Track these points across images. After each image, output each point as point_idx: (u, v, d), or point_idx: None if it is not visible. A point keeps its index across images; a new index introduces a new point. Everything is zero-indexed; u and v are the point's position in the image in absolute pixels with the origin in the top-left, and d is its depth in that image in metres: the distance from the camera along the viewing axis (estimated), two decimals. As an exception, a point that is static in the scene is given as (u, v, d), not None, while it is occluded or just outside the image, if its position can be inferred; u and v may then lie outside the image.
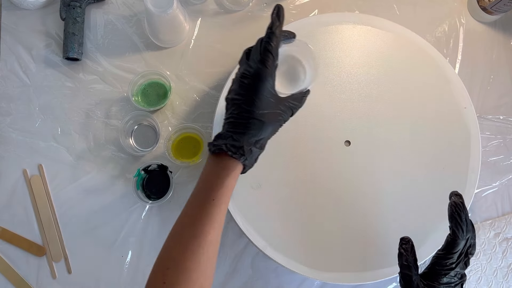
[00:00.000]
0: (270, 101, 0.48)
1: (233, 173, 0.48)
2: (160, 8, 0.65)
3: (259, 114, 0.47)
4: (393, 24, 0.71)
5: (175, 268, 0.44)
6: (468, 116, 0.69)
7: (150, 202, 0.69)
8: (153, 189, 0.71)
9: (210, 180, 0.48)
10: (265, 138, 0.51)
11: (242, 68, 0.49)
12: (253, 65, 0.47)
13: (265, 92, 0.47)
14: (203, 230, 0.45)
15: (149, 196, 0.71)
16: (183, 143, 0.73)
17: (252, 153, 0.49)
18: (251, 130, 0.48)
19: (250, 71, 0.48)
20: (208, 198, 0.46)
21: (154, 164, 0.70)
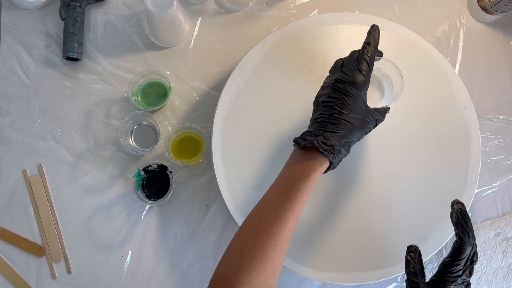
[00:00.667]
0: (361, 107, 0.51)
1: (319, 169, 0.50)
2: (160, 8, 0.65)
3: (351, 117, 0.50)
4: (393, 24, 0.71)
5: (253, 245, 0.45)
6: (468, 116, 0.69)
7: (150, 202, 0.69)
8: (153, 189, 0.71)
9: (297, 171, 0.49)
10: (353, 142, 0.53)
11: (336, 75, 0.52)
12: (349, 72, 0.51)
13: (359, 99, 0.51)
14: (285, 215, 0.46)
15: (149, 196, 0.71)
16: (183, 143, 0.73)
17: (340, 153, 0.51)
18: (341, 131, 0.50)
19: (346, 78, 0.51)
20: (293, 187, 0.48)
21: (154, 164, 0.70)
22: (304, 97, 0.69)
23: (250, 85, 0.68)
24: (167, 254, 0.71)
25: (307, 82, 0.69)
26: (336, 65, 0.54)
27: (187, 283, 0.71)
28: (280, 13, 0.78)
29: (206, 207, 0.72)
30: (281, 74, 0.69)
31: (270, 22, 0.78)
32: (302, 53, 0.70)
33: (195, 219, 0.72)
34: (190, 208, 0.72)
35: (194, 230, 0.72)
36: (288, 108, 0.68)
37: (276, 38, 0.69)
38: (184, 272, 0.71)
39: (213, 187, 0.72)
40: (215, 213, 0.72)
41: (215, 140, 0.66)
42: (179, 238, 0.71)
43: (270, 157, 0.67)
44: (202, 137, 0.72)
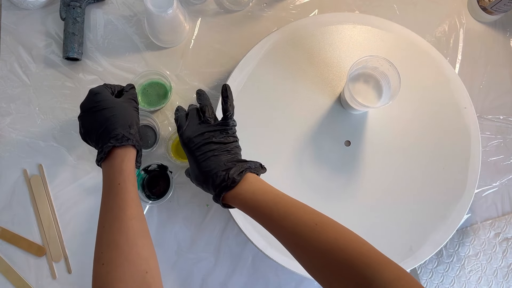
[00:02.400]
0: (109, 100, 0.58)
1: (126, 158, 0.54)
2: (160, 8, 0.65)
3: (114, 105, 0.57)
4: (393, 24, 0.71)
5: (107, 248, 0.48)
6: (468, 116, 0.69)
7: (150, 202, 0.69)
8: (153, 189, 0.71)
9: (110, 171, 0.53)
10: (133, 123, 0.58)
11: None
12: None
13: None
14: (120, 209, 0.50)
15: (149, 196, 0.71)
16: None
17: (135, 135, 0.56)
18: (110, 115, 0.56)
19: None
20: (113, 184, 0.52)
21: (154, 164, 0.69)
22: (304, 96, 0.69)
23: (250, 85, 0.68)
24: (167, 254, 0.71)
25: (307, 82, 0.69)
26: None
27: (187, 283, 0.71)
28: (280, 13, 0.78)
29: (206, 207, 0.72)
30: (281, 74, 0.69)
31: (270, 22, 0.78)
32: (302, 53, 0.70)
33: (195, 219, 0.72)
34: (190, 208, 0.72)
35: (194, 230, 0.72)
36: (288, 107, 0.68)
37: (276, 38, 0.69)
38: (184, 272, 0.71)
39: (213, 187, 0.72)
40: (215, 213, 0.72)
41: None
42: (179, 238, 0.71)
43: (270, 157, 0.67)
44: None
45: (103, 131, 0.55)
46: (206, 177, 0.52)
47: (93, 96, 0.57)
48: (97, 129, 0.55)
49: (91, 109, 0.56)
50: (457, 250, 0.74)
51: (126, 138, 0.54)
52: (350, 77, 0.63)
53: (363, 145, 0.68)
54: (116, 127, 0.55)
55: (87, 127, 0.57)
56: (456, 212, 0.67)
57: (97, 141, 0.56)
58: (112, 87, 0.62)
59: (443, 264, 0.73)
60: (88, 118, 0.57)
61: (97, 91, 0.58)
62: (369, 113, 0.69)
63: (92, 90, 0.58)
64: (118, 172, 0.52)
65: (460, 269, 0.73)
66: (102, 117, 0.55)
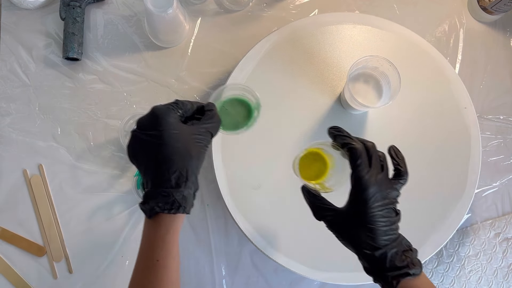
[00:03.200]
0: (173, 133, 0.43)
1: (172, 229, 0.45)
2: (160, 8, 0.65)
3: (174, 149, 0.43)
4: (393, 24, 0.71)
5: None
6: (468, 116, 0.69)
7: None
8: None
9: (150, 240, 0.45)
10: (197, 169, 0.45)
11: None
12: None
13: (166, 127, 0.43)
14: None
15: None
16: (307, 160, 0.59)
17: (188, 198, 0.44)
18: (175, 172, 0.43)
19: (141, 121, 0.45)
20: (151, 258, 0.44)
21: None
22: (304, 96, 0.69)
23: (250, 85, 0.68)
24: (167, 254, 0.71)
25: (307, 82, 0.69)
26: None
27: (187, 283, 0.71)
28: (280, 13, 0.78)
29: (206, 206, 0.72)
30: (281, 74, 0.69)
31: (270, 22, 0.78)
32: (302, 53, 0.70)
33: (195, 219, 0.72)
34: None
35: (194, 230, 0.72)
36: (288, 107, 0.68)
37: (276, 38, 0.69)
38: (184, 272, 0.71)
39: (213, 187, 0.72)
40: (215, 213, 0.72)
41: (215, 140, 0.66)
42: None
43: (270, 157, 0.67)
44: (326, 153, 0.57)
45: (153, 176, 0.44)
46: (379, 250, 0.43)
47: (155, 119, 0.43)
48: (148, 166, 0.44)
49: (148, 136, 0.43)
50: (457, 250, 0.74)
51: (178, 206, 0.43)
52: (350, 77, 0.63)
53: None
54: (170, 180, 0.43)
55: (137, 151, 0.45)
56: (456, 212, 0.67)
57: (144, 175, 0.45)
58: (185, 106, 0.46)
59: (443, 264, 0.73)
60: (141, 143, 0.44)
61: (161, 115, 0.43)
62: (369, 113, 0.69)
63: (156, 110, 0.44)
64: (160, 245, 0.44)
65: (460, 269, 0.73)
66: (157, 156, 0.43)
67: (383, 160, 0.45)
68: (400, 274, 0.42)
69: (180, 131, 0.44)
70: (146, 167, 0.45)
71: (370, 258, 0.44)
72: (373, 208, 0.43)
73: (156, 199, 0.43)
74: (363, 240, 0.44)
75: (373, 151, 0.45)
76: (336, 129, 0.47)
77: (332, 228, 0.47)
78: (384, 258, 0.43)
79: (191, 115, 0.48)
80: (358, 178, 0.43)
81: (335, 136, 0.47)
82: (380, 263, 0.43)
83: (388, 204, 0.44)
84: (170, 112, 0.44)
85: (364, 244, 0.44)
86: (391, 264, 0.42)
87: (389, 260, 0.42)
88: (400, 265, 0.42)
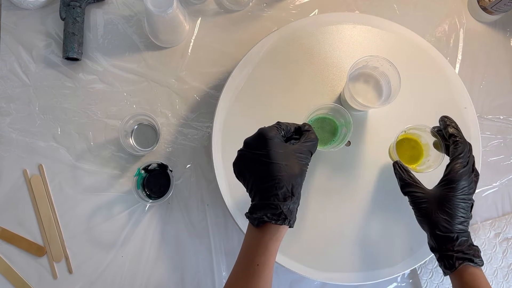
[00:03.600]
0: (280, 152, 0.48)
1: (275, 237, 0.48)
2: (160, 8, 0.65)
3: (281, 167, 0.47)
4: (393, 24, 0.71)
5: None
6: (468, 116, 0.69)
7: (150, 201, 0.69)
8: (153, 188, 0.71)
9: (253, 245, 0.48)
10: (300, 186, 0.50)
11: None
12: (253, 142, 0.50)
13: (274, 147, 0.48)
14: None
15: (150, 195, 0.71)
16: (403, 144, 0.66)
17: (293, 212, 0.49)
18: (282, 188, 0.47)
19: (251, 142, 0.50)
20: (252, 263, 0.47)
21: (154, 163, 0.70)
22: (304, 96, 0.69)
23: (250, 85, 0.68)
24: (167, 254, 0.71)
25: (307, 82, 0.69)
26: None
27: (187, 283, 0.71)
28: (280, 13, 0.78)
29: (206, 206, 0.72)
30: (281, 74, 0.69)
31: (270, 22, 0.78)
32: (302, 53, 0.70)
33: (196, 219, 0.72)
34: (190, 207, 0.72)
35: (194, 230, 0.72)
36: (288, 108, 0.68)
37: (276, 38, 0.69)
38: (184, 272, 0.71)
39: (213, 187, 0.72)
40: (215, 213, 0.72)
41: (215, 140, 0.66)
42: (179, 238, 0.72)
43: (270, 157, 0.67)
44: (425, 143, 0.65)
45: (261, 190, 0.48)
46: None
47: (263, 140, 0.48)
48: (255, 182, 0.48)
49: (255, 155, 0.48)
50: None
51: (284, 218, 0.47)
52: (350, 77, 0.63)
53: (363, 145, 0.68)
54: (277, 195, 0.47)
55: (245, 168, 0.50)
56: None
57: (250, 191, 0.50)
58: (285, 128, 0.51)
59: (443, 264, 0.73)
60: (249, 162, 0.49)
61: (269, 136, 0.48)
62: (369, 113, 0.69)
63: (263, 131, 0.49)
64: (262, 250, 0.47)
65: (460, 269, 0.73)
66: (265, 173, 0.47)
67: (474, 164, 0.53)
68: (464, 258, 0.48)
69: (285, 151, 0.49)
70: (253, 182, 0.48)
71: (441, 239, 0.50)
72: (459, 198, 0.50)
73: (265, 210, 0.47)
74: (441, 222, 0.50)
75: (471, 152, 0.52)
76: (449, 119, 0.54)
77: (414, 204, 0.53)
78: (454, 241, 0.49)
79: (295, 131, 0.53)
80: (455, 170, 0.51)
81: (446, 125, 0.54)
82: (449, 244, 0.49)
83: (469, 200, 0.51)
84: (275, 133, 0.49)
85: (440, 225, 0.50)
86: (458, 249, 0.49)
87: (457, 245, 0.49)
88: (467, 251, 0.49)
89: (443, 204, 0.50)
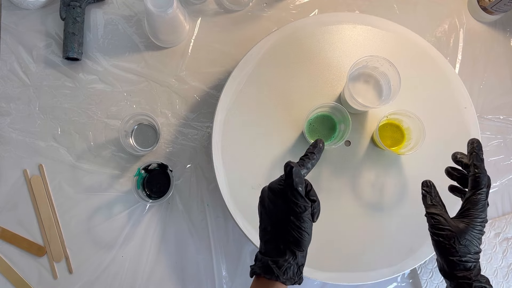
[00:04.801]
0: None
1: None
2: (160, 8, 0.65)
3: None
4: (393, 24, 0.71)
5: None
6: (468, 116, 0.69)
7: (150, 201, 0.69)
8: (153, 188, 0.71)
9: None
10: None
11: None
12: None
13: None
14: None
15: (150, 195, 0.71)
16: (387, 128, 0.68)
17: (290, 268, 0.46)
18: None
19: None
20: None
21: (154, 163, 0.70)
22: (304, 97, 0.69)
23: (250, 85, 0.68)
24: (167, 254, 0.71)
25: (307, 82, 0.69)
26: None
27: (187, 283, 0.71)
28: (280, 13, 0.78)
29: (206, 206, 0.72)
30: (281, 74, 0.69)
31: (270, 22, 0.78)
32: (302, 53, 0.70)
33: (195, 218, 0.72)
34: (190, 207, 0.72)
35: (194, 230, 0.72)
36: (288, 108, 0.68)
37: (276, 38, 0.69)
38: (184, 272, 0.71)
39: (213, 187, 0.72)
40: (215, 213, 0.72)
41: (215, 140, 0.66)
42: (179, 237, 0.72)
43: (270, 157, 0.67)
44: (406, 127, 0.67)
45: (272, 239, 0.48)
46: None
47: (295, 193, 0.48)
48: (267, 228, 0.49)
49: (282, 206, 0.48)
50: (457, 250, 0.74)
51: (272, 272, 0.46)
52: (350, 77, 0.63)
53: (363, 145, 0.68)
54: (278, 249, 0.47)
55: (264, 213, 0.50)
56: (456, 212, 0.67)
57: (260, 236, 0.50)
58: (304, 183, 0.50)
59: (443, 264, 0.73)
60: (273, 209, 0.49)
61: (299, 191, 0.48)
62: (369, 113, 0.69)
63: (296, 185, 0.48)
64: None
65: (460, 269, 0.73)
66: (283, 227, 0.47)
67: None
68: (481, 286, 0.49)
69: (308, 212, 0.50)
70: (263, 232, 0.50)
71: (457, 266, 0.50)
72: (476, 229, 0.50)
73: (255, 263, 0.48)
74: (457, 249, 0.50)
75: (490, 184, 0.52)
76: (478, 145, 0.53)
77: (433, 228, 0.53)
78: (472, 270, 0.49)
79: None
80: (478, 201, 0.51)
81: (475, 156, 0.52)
82: (466, 273, 0.49)
83: (482, 233, 0.51)
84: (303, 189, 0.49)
85: (460, 253, 0.49)
86: (476, 278, 0.49)
87: (474, 274, 0.49)
88: (482, 280, 0.49)
89: (464, 234, 0.50)
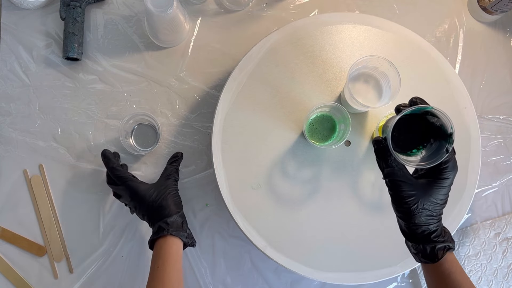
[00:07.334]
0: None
1: (165, 245, 0.59)
2: (160, 8, 0.65)
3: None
4: (393, 24, 0.71)
5: None
6: (468, 116, 0.69)
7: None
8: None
9: (152, 257, 0.59)
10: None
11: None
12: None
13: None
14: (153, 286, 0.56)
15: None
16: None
17: (173, 224, 0.61)
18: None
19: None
20: (154, 268, 0.57)
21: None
22: (304, 97, 0.69)
23: (250, 85, 0.68)
24: (167, 254, 0.71)
25: (307, 82, 0.69)
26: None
27: (187, 283, 0.71)
28: (280, 13, 0.78)
29: (206, 206, 0.72)
30: (281, 74, 0.69)
31: (270, 22, 0.78)
32: (302, 53, 0.70)
33: (195, 218, 0.72)
34: (190, 207, 0.72)
35: (194, 230, 0.72)
36: (288, 108, 0.68)
37: (276, 38, 0.69)
38: (184, 272, 0.71)
39: (213, 187, 0.72)
40: (215, 213, 0.72)
41: (215, 140, 0.66)
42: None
43: (270, 157, 0.67)
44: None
45: (149, 216, 0.63)
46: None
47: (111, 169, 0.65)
48: (144, 212, 0.63)
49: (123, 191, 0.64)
50: (457, 250, 0.74)
51: (162, 229, 0.60)
52: (350, 77, 0.63)
53: (363, 145, 0.68)
54: (159, 217, 0.61)
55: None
56: (456, 212, 0.67)
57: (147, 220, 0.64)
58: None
59: (443, 264, 0.73)
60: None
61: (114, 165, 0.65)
62: (369, 113, 0.69)
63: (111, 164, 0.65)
64: (157, 257, 0.58)
65: (460, 269, 0.73)
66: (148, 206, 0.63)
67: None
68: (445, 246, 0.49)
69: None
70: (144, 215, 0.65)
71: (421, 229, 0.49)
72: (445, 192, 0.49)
73: (152, 236, 0.61)
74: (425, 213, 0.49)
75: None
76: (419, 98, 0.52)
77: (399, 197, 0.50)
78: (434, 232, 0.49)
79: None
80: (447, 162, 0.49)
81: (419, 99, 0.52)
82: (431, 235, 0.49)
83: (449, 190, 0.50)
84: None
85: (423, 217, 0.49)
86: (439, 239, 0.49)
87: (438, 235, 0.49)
88: (446, 238, 0.49)
89: (429, 197, 0.49)
